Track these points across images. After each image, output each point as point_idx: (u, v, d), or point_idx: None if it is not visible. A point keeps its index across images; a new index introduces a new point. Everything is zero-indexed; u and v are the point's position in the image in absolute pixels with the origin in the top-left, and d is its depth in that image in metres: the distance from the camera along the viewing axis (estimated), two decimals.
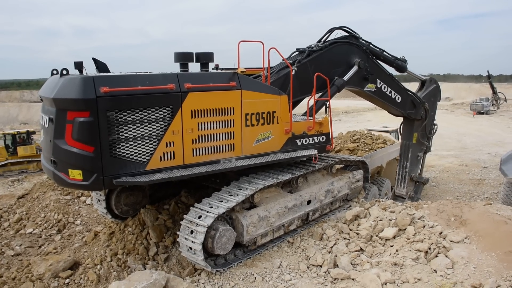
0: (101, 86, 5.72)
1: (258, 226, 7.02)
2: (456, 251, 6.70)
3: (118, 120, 5.92)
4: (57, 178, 6.23)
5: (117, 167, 6.01)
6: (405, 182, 12.61)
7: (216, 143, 6.87)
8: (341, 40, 9.52)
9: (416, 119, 11.96)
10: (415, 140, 12.27)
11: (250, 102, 7.17)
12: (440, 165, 21.44)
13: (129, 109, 5.99)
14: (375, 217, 8.15)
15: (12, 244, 9.88)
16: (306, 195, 8.12)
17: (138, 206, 9.03)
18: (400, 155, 12.68)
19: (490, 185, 17.49)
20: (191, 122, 6.52)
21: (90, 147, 5.78)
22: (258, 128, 7.39)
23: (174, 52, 7.04)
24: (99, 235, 9.42)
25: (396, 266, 6.57)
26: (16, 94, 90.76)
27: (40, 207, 11.33)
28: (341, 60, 9.52)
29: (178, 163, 6.51)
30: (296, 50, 9.33)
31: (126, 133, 6.01)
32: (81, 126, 5.71)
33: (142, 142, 6.16)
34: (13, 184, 17.38)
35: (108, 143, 5.87)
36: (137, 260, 8.19)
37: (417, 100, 11.58)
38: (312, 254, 7.23)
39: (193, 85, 6.45)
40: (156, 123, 6.23)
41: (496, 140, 28.96)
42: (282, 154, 7.79)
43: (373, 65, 10.09)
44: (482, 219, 7.47)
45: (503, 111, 50.34)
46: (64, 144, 5.87)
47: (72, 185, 6.19)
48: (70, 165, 5.95)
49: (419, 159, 12.91)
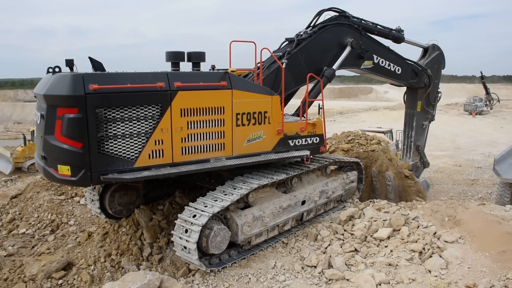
0: (90, 83, 5.78)
1: (252, 226, 7.00)
2: (450, 251, 6.72)
3: (106, 117, 5.99)
4: (47, 174, 6.32)
5: (105, 164, 6.08)
6: (411, 152, 12.52)
7: (205, 142, 6.89)
8: (330, 23, 9.28)
9: (419, 87, 11.81)
10: (419, 108, 12.15)
11: (241, 102, 7.18)
12: (434, 165, 21.51)
13: (118, 107, 6.05)
14: (369, 218, 8.16)
15: (5, 245, 9.78)
16: (301, 195, 8.11)
17: (132, 206, 8.98)
18: (405, 124, 12.52)
19: (484, 185, 17.59)
20: (181, 120, 6.56)
21: (78, 143, 5.85)
22: (249, 128, 7.39)
23: (166, 52, 7.06)
24: (92, 236, 9.36)
25: (391, 267, 6.58)
26: (10, 93, 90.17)
27: (34, 207, 11.23)
28: (333, 43, 9.39)
29: (167, 161, 6.55)
30: (286, 40, 9.13)
31: (114, 130, 6.08)
32: (70, 122, 5.80)
33: (131, 139, 6.23)
34: (6, 183, 17.24)
35: (96, 139, 5.94)
36: (131, 261, 8.14)
37: (418, 68, 11.44)
38: (306, 255, 7.23)
39: (183, 83, 6.50)
40: (145, 121, 6.29)
41: (490, 141, 29.17)
42: (273, 154, 7.78)
43: (367, 42, 9.95)
44: (476, 219, 7.50)
45: (496, 111, 50.74)
46: (54, 140, 5.96)
47: (60, 181, 6.27)
48: (59, 160, 6.04)
49: (424, 128, 12.77)
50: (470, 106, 47.98)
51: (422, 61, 11.96)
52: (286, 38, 9.13)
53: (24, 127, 53.83)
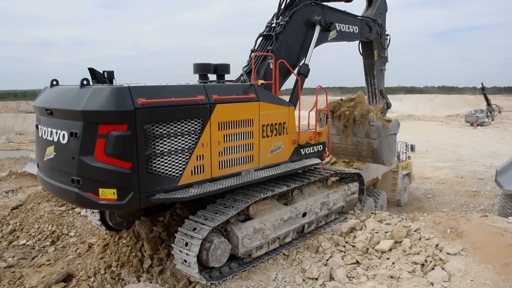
0: (138, 97, 5.38)
1: (253, 239, 6.97)
2: (453, 264, 6.67)
3: (154, 134, 5.63)
4: (81, 200, 5.65)
5: (152, 184, 5.68)
6: (377, 97, 13.21)
7: (238, 155, 6.86)
8: (298, 7, 9.15)
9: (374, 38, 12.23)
10: (376, 56, 12.65)
11: (266, 114, 7.25)
12: (436, 176, 21.48)
13: (165, 122, 5.74)
14: (371, 230, 8.12)
15: (5, 256, 9.74)
16: (302, 207, 8.09)
17: (132, 218, 8.95)
18: (366, 74, 13.08)
19: (486, 196, 17.53)
20: (218, 134, 6.44)
21: (127, 163, 5.38)
22: (272, 139, 7.49)
23: (194, 63, 7.00)
24: (93, 247, 9.32)
25: (393, 279, 6.53)
26: (12, 104, 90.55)
27: (34, 218, 11.21)
28: (302, 25, 9.35)
29: (207, 177, 6.39)
30: (261, 36, 8.93)
31: (161, 147, 5.74)
32: (118, 141, 5.32)
33: (176, 156, 5.93)
34: (7, 194, 17.22)
35: (144, 158, 5.53)
36: (131, 273, 8.09)
37: (370, 21, 11.78)
38: (307, 267, 7.17)
39: (219, 96, 6.39)
40: (188, 136, 6.05)
41: (491, 152, 29.11)
42: (290, 163, 7.96)
43: (329, 13, 10.04)
44: (478, 231, 7.46)
45: (497, 122, 50.75)
46: (94, 161, 5.38)
47: (102, 206, 5.73)
48: (101, 183, 5.46)
49: (383, 72, 13.34)
50: (471, 117, 48.00)
51: (369, 11, 12.22)
52: (260, 34, 8.97)
53: (26, 138, 53.98)
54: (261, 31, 9.00)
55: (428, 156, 27.87)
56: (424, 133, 39.63)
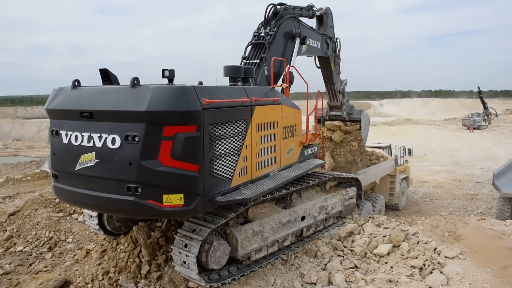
0: (203, 97, 5.20)
1: (252, 241, 6.96)
2: (451, 267, 6.68)
3: (215, 135, 5.49)
4: (139, 209, 5.25)
5: (213, 187, 5.51)
6: (337, 95, 14.02)
7: (268, 156, 6.95)
8: (283, 19, 9.41)
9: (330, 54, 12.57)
10: (333, 66, 13.05)
11: (285, 116, 7.43)
12: (434, 180, 21.52)
13: (223, 123, 5.63)
14: (369, 234, 8.12)
15: (2, 263, 9.68)
16: (300, 211, 8.09)
17: (130, 222, 8.93)
18: (325, 82, 13.59)
19: (484, 200, 17.57)
20: (256, 135, 6.47)
21: (196, 166, 5.15)
22: (288, 141, 7.69)
23: (224, 66, 7.06)
24: (90, 253, 9.27)
25: (391, 283, 6.53)
26: (10, 110, 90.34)
27: (31, 225, 11.16)
28: (284, 37, 9.59)
29: (248, 179, 6.35)
30: (251, 44, 9.13)
31: (220, 148, 5.62)
32: (187, 142, 5.08)
33: (229, 157, 5.84)
34: (4, 201, 17.15)
35: (208, 160, 5.35)
36: (129, 279, 8.06)
37: (327, 37, 12.03)
38: (306, 272, 7.17)
39: (257, 98, 6.46)
40: (237, 137, 5.98)
41: (488, 155, 29.21)
42: (299, 164, 8.21)
43: (303, 28, 10.30)
44: (476, 235, 7.47)
45: (494, 126, 50.96)
46: (158, 165, 5.05)
47: (165, 214, 5.35)
48: (167, 189, 5.14)
49: (338, 73, 13.80)
50: (468, 121, 48.18)
51: (322, 29, 12.36)
52: (251, 42, 9.15)
53: (23, 144, 53.80)
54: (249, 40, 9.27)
55: (425, 159, 27.94)
56: (422, 137, 39.73)
